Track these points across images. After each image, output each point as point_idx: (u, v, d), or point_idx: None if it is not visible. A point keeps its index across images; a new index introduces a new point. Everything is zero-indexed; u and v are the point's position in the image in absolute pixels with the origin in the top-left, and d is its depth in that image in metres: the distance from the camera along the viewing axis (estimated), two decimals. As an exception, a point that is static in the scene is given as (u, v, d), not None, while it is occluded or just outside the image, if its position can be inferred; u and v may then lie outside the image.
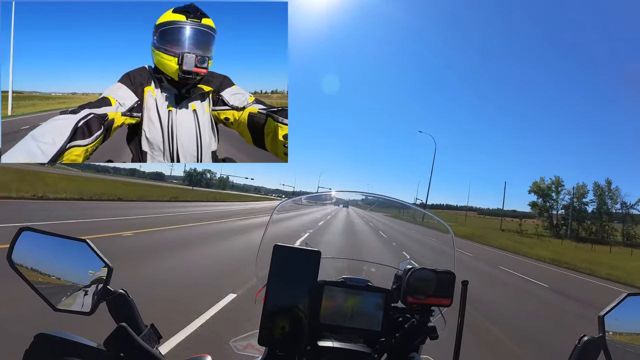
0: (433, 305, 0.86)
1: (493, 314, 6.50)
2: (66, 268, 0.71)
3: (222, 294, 4.95)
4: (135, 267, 5.89)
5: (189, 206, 26.47)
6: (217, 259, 7.96)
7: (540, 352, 4.81)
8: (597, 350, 0.68)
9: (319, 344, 0.82)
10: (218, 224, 15.70)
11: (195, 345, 3.34)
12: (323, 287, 0.85)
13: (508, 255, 23.62)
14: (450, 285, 0.86)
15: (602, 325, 0.69)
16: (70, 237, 0.72)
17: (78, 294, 0.70)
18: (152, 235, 9.99)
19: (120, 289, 0.73)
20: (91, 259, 0.71)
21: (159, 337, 0.72)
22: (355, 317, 0.85)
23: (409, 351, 0.84)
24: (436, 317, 0.91)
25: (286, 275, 0.76)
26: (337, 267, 1.12)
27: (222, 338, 3.53)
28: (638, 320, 0.70)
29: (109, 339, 0.55)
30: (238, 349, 1.09)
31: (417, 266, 0.88)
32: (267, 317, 0.74)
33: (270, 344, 0.75)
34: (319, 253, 0.78)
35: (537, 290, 10.80)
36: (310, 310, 0.78)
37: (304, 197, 1.61)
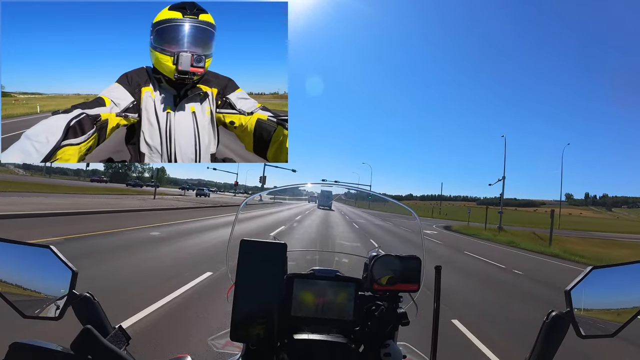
0: (400, 291, 0.87)
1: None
2: (32, 275, 0.71)
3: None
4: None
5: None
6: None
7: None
8: (565, 325, 0.69)
9: (295, 337, 0.82)
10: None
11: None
12: (293, 280, 0.85)
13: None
14: (416, 271, 0.86)
15: (569, 300, 0.70)
16: (34, 244, 0.72)
17: (46, 300, 0.71)
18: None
19: (85, 292, 0.73)
20: (56, 265, 0.72)
21: (128, 338, 0.72)
22: (327, 308, 0.85)
23: (384, 338, 0.83)
24: (408, 304, 0.91)
25: (254, 270, 0.76)
26: (308, 260, 1.13)
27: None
28: (603, 292, 0.71)
29: (75, 342, 0.56)
30: (217, 347, 1.07)
31: (382, 253, 0.88)
32: (237, 312, 0.74)
33: (243, 339, 0.75)
34: (285, 246, 0.79)
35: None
36: (282, 304, 0.79)
37: (264, 192, 1.56)
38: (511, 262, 12.76)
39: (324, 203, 4.41)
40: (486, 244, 20.69)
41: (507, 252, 17.47)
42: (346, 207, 9.95)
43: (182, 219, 14.80)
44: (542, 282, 9.42)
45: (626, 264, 0.72)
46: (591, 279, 0.70)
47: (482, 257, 13.49)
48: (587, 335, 0.69)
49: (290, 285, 0.84)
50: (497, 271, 10.59)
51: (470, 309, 5.71)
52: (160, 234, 10.14)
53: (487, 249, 17.84)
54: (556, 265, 13.79)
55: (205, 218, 16.52)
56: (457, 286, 7.37)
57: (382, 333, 0.84)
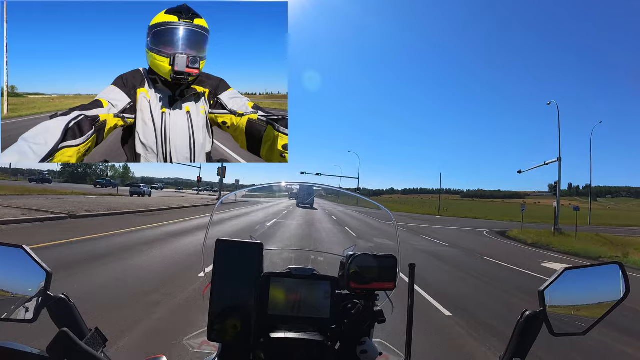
0: (377, 289, 0.88)
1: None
2: (4, 276, 0.68)
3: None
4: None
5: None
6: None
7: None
8: (539, 323, 0.71)
9: (271, 335, 0.82)
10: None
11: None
12: (269, 279, 0.84)
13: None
14: (392, 269, 0.87)
15: (542, 300, 0.72)
16: (5, 244, 0.70)
17: (19, 301, 0.68)
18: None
19: (60, 294, 0.71)
20: (29, 265, 0.69)
21: (105, 340, 0.69)
22: (304, 306, 0.85)
23: (360, 336, 0.85)
24: (384, 302, 0.92)
25: (230, 269, 0.77)
26: (285, 259, 1.13)
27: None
28: (574, 292, 0.74)
29: (51, 345, 0.54)
30: (193, 347, 1.06)
31: (358, 253, 0.89)
32: (214, 312, 0.74)
33: (220, 339, 0.75)
34: (261, 245, 0.79)
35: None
36: (258, 303, 0.79)
37: (244, 190, 1.54)
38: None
39: (305, 200, 3.85)
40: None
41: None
42: (331, 204, 7.74)
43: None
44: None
45: (596, 266, 0.75)
46: (563, 280, 0.73)
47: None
48: (559, 333, 0.71)
49: (266, 284, 0.84)
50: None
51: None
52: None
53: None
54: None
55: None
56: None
57: (358, 331, 0.85)
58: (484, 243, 17.22)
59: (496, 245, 16.41)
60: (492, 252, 12.86)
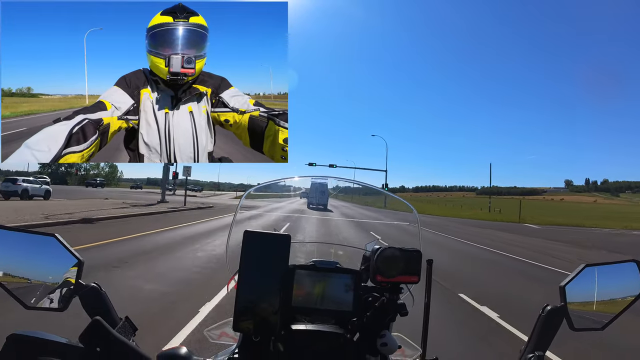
0: (402, 282, 0.89)
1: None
2: (36, 264, 0.69)
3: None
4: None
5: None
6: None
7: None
8: (559, 318, 0.73)
9: (292, 327, 0.82)
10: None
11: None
12: (294, 271, 0.85)
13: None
14: (417, 263, 0.88)
15: (563, 295, 0.74)
16: (39, 232, 0.70)
17: (50, 290, 0.68)
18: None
19: (92, 283, 0.72)
20: (61, 254, 0.70)
21: (135, 329, 0.71)
22: (326, 299, 0.87)
23: (380, 329, 0.85)
24: (405, 295, 0.93)
25: (257, 261, 0.77)
26: (306, 251, 1.14)
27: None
28: (594, 288, 0.76)
29: (84, 334, 0.53)
30: (213, 338, 1.09)
31: (385, 245, 0.89)
32: (240, 303, 0.75)
33: (245, 330, 0.76)
34: (289, 237, 0.79)
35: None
36: (283, 295, 0.80)
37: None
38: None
39: (317, 201, 3.52)
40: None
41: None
42: (348, 206, 6.64)
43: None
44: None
45: (616, 263, 0.77)
46: (584, 276, 0.75)
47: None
48: (579, 328, 0.73)
49: (291, 276, 0.85)
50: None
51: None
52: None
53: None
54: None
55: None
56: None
57: (379, 324, 0.85)
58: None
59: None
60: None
